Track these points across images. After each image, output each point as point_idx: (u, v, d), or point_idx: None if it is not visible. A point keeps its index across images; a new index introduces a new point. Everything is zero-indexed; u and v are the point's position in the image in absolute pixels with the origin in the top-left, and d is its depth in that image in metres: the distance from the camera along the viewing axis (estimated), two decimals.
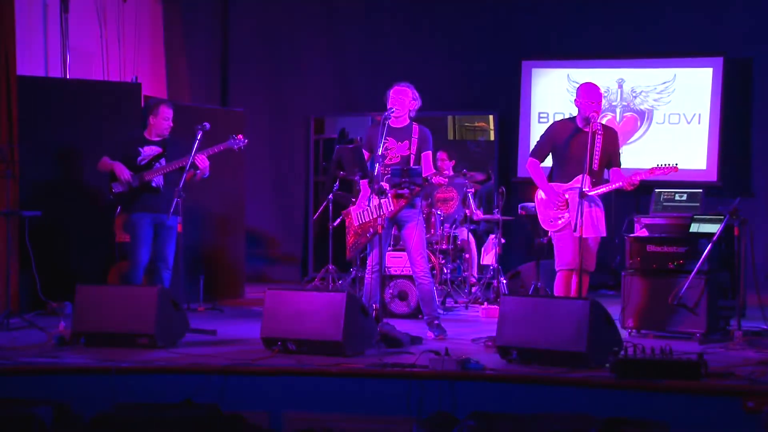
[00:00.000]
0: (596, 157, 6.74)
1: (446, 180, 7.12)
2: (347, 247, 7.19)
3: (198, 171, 7.49)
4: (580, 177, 6.59)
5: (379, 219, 6.68)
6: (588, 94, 6.82)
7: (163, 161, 7.63)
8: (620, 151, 6.99)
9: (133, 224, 7.57)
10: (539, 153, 7.03)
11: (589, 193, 6.62)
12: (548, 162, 7.07)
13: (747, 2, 10.54)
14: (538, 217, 6.97)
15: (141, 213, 7.55)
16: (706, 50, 10.61)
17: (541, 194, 6.94)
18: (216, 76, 12.00)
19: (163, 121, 7.64)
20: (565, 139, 6.86)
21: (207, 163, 7.50)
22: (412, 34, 11.61)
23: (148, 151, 7.64)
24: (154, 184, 7.59)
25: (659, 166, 6.67)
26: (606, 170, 6.93)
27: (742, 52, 10.54)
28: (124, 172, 7.51)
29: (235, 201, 10.13)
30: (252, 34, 12.01)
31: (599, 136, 6.78)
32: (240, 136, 7.70)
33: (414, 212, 7.03)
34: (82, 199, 8.67)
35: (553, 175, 6.96)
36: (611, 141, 6.88)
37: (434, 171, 7.06)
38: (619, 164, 6.89)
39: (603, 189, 6.73)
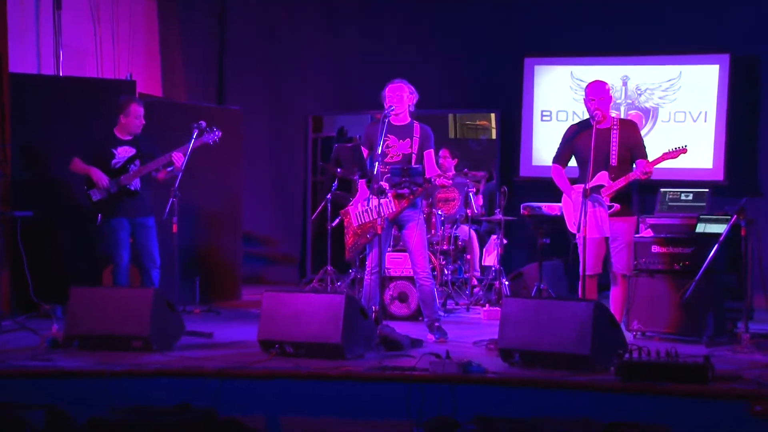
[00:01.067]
0: (613, 151, 6.76)
1: (450, 182, 7.12)
2: (346, 247, 7.18)
3: (170, 168, 7.50)
4: (599, 175, 6.61)
5: (379, 219, 6.67)
6: (590, 92, 6.86)
7: (138, 162, 7.64)
8: (643, 142, 6.96)
9: (111, 229, 7.62)
10: (560, 158, 7.08)
11: (604, 190, 6.64)
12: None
13: None
14: (566, 221, 7.00)
15: (118, 218, 7.59)
16: (712, 47, 10.59)
17: (566, 198, 6.98)
18: (213, 74, 12.00)
19: (134, 119, 7.66)
20: (581, 140, 6.88)
21: (183, 160, 7.50)
22: (412, 32, 11.60)
23: (122, 152, 7.65)
24: (132, 188, 7.61)
25: (669, 150, 6.70)
26: (633, 165, 6.91)
27: (748, 50, 10.52)
28: (102, 179, 7.53)
29: (232, 200, 10.12)
30: (250, 32, 12.00)
31: (615, 131, 6.80)
32: (214, 128, 7.67)
33: (415, 212, 7.02)
34: (75, 199, 8.65)
35: (579, 177, 6.99)
36: (629, 133, 6.88)
37: (438, 171, 7.05)
38: (644, 155, 6.86)
39: (621, 182, 6.74)
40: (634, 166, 6.88)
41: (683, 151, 6.69)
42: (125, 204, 7.60)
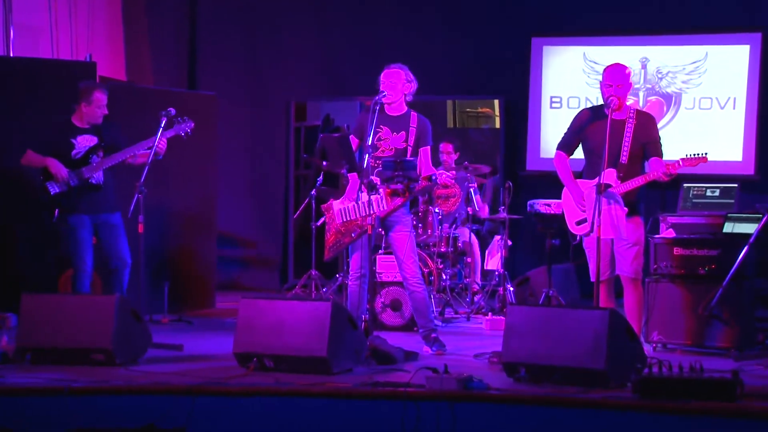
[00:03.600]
0: (625, 147, 6.72)
1: (453, 181, 7.10)
2: (326, 246, 7.18)
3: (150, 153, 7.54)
4: (605, 172, 6.58)
5: (369, 219, 6.67)
6: (607, 76, 6.84)
7: (101, 153, 7.63)
8: (659, 138, 6.94)
9: (70, 228, 7.61)
10: (566, 145, 7.03)
11: (612, 190, 6.62)
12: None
13: None
14: (565, 218, 6.99)
15: (79, 215, 7.58)
16: (742, 25, 10.62)
17: (566, 193, 6.97)
18: (183, 55, 11.99)
19: (97, 108, 7.64)
20: (593, 129, 6.85)
21: (164, 146, 7.52)
22: (407, 8, 11.61)
23: (83, 141, 7.65)
24: (94, 181, 7.61)
25: (687, 156, 6.68)
26: (644, 163, 6.90)
27: None
28: (61, 170, 7.51)
29: (206, 197, 10.12)
30: (225, 8, 12.00)
31: (630, 124, 6.77)
32: (186, 118, 7.66)
33: (404, 212, 7.02)
34: (29, 196, 8.63)
35: (584, 170, 6.98)
36: (645, 128, 6.84)
37: (434, 170, 7.03)
38: (659, 153, 6.82)
39: (634, 183, 6.71)
40: (646, 164, 6.87)
41: (703, 159, 6.65)
42: (87, 199, 7.60)
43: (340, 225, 7.08)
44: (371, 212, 6.74)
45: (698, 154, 6.65)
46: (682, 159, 6.66)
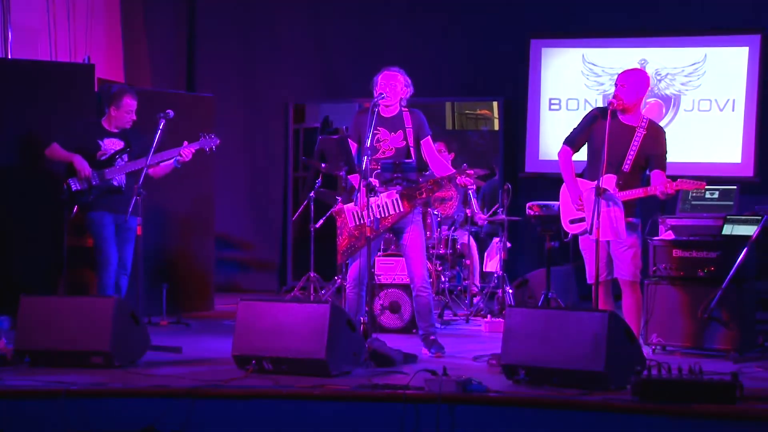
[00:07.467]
0: (630, 155, 6.69)
1: (472, 180, 7.08)
2: (339, 250, 7.12)
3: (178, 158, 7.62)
4: (605, 177, 6.54)
5: (368, 221, 6.65)
6: (620, 78, 6.80)
7: (125, 157, 7.71)
8: (665, 152, 6.86)
9: (94, 223, 7.70)
10: (573, 141, 6.96)
11: (612, 196, 6.61)
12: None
13: None
14: (561, 216, 6.98)
15: (101, 211, 7.66)
16: (742, 27, 10.63)
17: (564, 191, 6.95)
18: (181, 56, 11.99)
19: (125, 114, 7.75)
20: (599, 128, 6.81)
21: (189, 157, 7.62)
22: (406, 9, 11.62)
23: (109, 144, 7.73)
24: (116, 183, 7.69)
25: (686, 180, 6.62)
26: (644, 174, 6.87)
27: None
28: (85, 168, 7.61)
29: (203, 200, 10.12)
30: (222, 9, 12.00)
31: (640, 133, 6.72)
32: (213, 135, 7.75)
33: (415, 214, 7.02)
34: (27, 196, 8.64)
35: (585, 170, 6.96)
36: (655, 141, 6.76)
37: (445, 163, 6.99)
38: (662, 167, 6.76)
39: (631, 195, 6.67)
40: (648, 173, 6.85)
41: (701, 185, 6.65)
42: (107, 200, 7.67)
43: (353, 229, 7.04)
44: (388, 214, 6.73)
45: (697, 180, 6.64)
46: (680, 180, 6.62)
